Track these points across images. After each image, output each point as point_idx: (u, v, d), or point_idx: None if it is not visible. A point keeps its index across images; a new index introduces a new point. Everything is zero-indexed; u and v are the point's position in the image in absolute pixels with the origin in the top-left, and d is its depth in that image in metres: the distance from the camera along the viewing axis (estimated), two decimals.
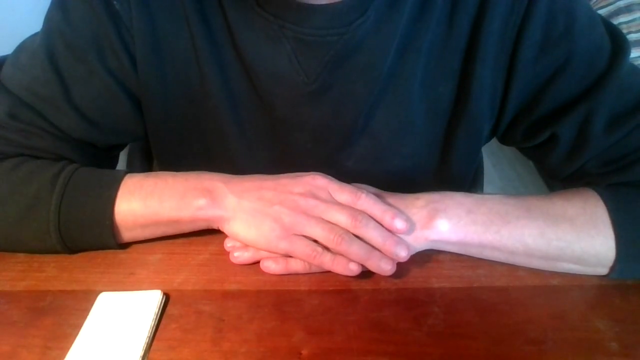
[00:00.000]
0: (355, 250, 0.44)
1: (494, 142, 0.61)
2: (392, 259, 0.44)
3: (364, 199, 0.46)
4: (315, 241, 0.45)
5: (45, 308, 0.43)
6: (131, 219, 0.47)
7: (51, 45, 0.49)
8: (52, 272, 0.47)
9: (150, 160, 0.84)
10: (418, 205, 0.47)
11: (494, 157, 1.96)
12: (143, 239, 0.49)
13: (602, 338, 0.40)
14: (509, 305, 0.43)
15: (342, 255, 0.44)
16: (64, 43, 0.48)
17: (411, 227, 0.46)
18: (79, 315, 0.42)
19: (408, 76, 0.51)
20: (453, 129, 0.54)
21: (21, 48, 0.52)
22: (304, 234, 0.45)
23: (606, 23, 0.49)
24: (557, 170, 0.54)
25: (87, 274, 0.47)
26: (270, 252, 0.46)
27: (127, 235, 0.48)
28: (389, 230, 0.45)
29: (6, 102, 0.49)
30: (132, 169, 0.83)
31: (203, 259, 0.48)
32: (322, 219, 0.45)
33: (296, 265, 0.46)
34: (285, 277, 0.46)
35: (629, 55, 0.48)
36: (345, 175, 0.51)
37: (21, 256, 0.49)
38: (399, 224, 0.45)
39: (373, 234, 0.44)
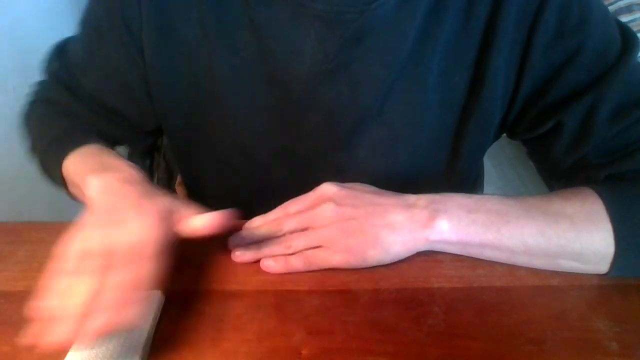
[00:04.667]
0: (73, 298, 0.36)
1: (494, 142, 0.61)
2: None
3: (132, 269, 0.37)
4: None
5: None
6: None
7: (83, 22, 0.57)
8: None
9: (152, 160, 0.84)
10: (419, 205, 0.47)
11: (494, 158, 1.96)
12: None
13: (602, 338, 0.40)
14: (509, 305, 0.43)
15: None
16: (90, 24, 0.56)
17: (412, 226, 0.45)
18: None
19: (425, 64, 0.51)
20: (465, 121, 0.54)
21: (79, 21, 0.59)
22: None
23: (618, 20, 0.50)
24: (558, 161, 0.53)
25: None
26: None
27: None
28: None
29: (56, 64, 0.61)
30: None
31: (203, 259, 0.48)
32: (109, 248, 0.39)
33: (296, 264, 0.46)
34: (286, 277, 0.46)
35: (639, 52, 0.49)
36: (356, 164, 0.51)
37: (21, 256, 0.49)
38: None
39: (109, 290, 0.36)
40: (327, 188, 0.47)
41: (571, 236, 0.44)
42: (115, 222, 0.39)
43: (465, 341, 0.40)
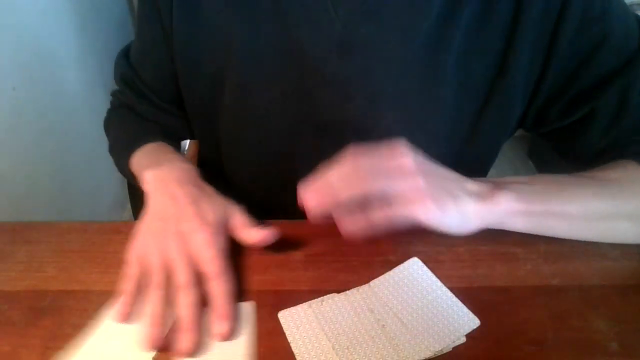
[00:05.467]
0: (149, 305, 0.40)
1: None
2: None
3: (217, 285, 0.41)
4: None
5: (45, 308, 0.43)
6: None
7: (136, 19, 0.62)
8: (52, 272, 0.47)
9: None
10: (478, 181, 0.46)
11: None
12: None
13: (602, 338, 0.40)
14: (509, 305, 0.43)
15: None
16: (138, 17, 0.61)
17: (483, 197, 0.44)
18: (79, 315, 0.42)
19: (445, 49, 0.52)
20: (483, 109, 0.55)
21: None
22: (147, 258, 0.43)
23: (633, 12, 0.53)
24: (592, 145, 0.55)
25: (87, 274, 0.47)
26: None
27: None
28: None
29: (122, 66, 0.65)
30: None
31: None
32: (169, 263, 0.42)
33: (378, 219, 0.41)
34: (285, 277, 0.46)
35: None
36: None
37: (21, 256, 0.49)
38: (218, 327, 0.40)
39: (182, 309, 0.40)
40: (401, 146, 0.43)
41: (624, 195, 0.47)
42: (172, 234, 0.43)
43: (466, 341, 0.40)
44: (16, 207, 1.08)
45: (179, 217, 0.45)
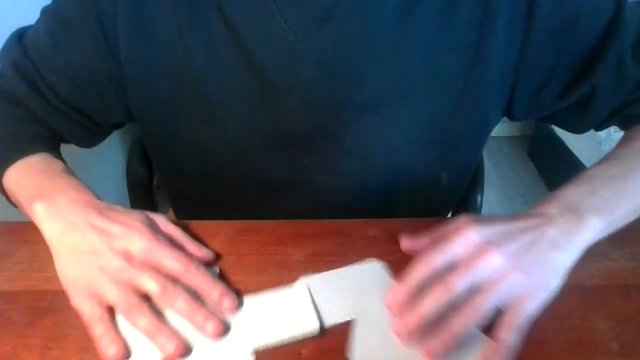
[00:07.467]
0: (141, 324, 0.39)
1: (494, 141, 0.61)
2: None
3: (194, 273, 0.41)
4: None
5: (45, 308, 0.43)
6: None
7: (52, 12, 0.55)
8: (52, 272, 0.47)
9: (149, 162, 0.84)
10: (554, 213, 0.43)
11: (494, 157, 1.95)
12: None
13: (602, 338, 0.40)
14: None
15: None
16: (59, 14, 0.54)
17: (570, 236, 0.42)
18: (79, 315, 0.42)
19: (407, 46, 0.50)
20: (459, 103, 0.53)
21: (43, 10, 0.57)
22: (101, 295, 0.41)
23: None
24: (598, 116, 0.56)
25: None
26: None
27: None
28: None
29: (16, 52, 0.55)
30: (131, 169, 0.83)
31: None
32: (127, 282, 0.41)
33: (512, 339, 0.39)
34: (285, 277, 0.46)
35: None
36: (343, 153, 0.50)
37: (21, 256, 0.49)
38: (226, 303, 0.41)
39: (178, 304, 0.40)
40: (470, 229, 0.41)
41: None
42: (109, 257, 0.41)
43: None
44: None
45: (104, 236, 0.42)
